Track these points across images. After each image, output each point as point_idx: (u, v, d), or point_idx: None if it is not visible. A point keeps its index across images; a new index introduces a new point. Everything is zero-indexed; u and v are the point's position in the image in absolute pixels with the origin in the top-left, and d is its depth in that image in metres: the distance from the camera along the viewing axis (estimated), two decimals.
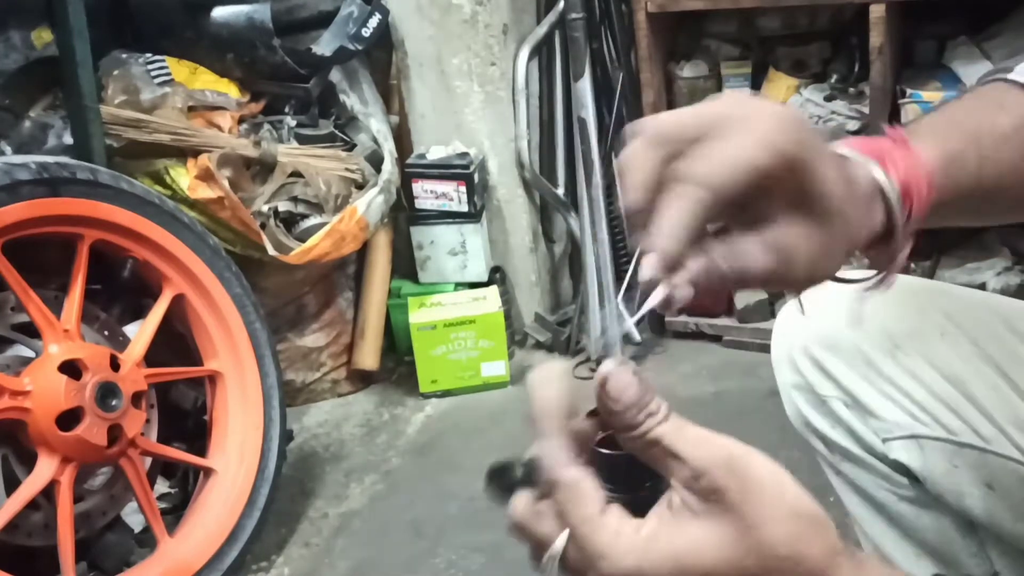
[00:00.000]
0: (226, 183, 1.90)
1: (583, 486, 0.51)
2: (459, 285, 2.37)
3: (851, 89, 2.20)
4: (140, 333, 1.65)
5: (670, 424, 0.51)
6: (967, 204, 0.70)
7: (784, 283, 0.60)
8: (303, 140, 2.17)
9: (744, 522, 0.49)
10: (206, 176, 1.88)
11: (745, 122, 0.54)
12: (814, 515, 0.50)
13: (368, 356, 2.34)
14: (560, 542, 0.51)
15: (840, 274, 0.63)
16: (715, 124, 0.53)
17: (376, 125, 2.29)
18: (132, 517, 1.70)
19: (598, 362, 2.10)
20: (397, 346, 2.43)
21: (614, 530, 0.50)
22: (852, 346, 0.93)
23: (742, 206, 0.56)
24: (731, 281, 0.56)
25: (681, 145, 0.53)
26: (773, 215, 0.57)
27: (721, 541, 0.49)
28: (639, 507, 0.52)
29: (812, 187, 0.56)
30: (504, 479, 0.55)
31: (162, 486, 1.84)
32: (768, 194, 0.56)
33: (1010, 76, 0.74)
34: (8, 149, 1.83)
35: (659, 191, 0.53)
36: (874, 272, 0.67)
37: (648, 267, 0.52)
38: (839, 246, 0.59)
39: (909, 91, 2.08)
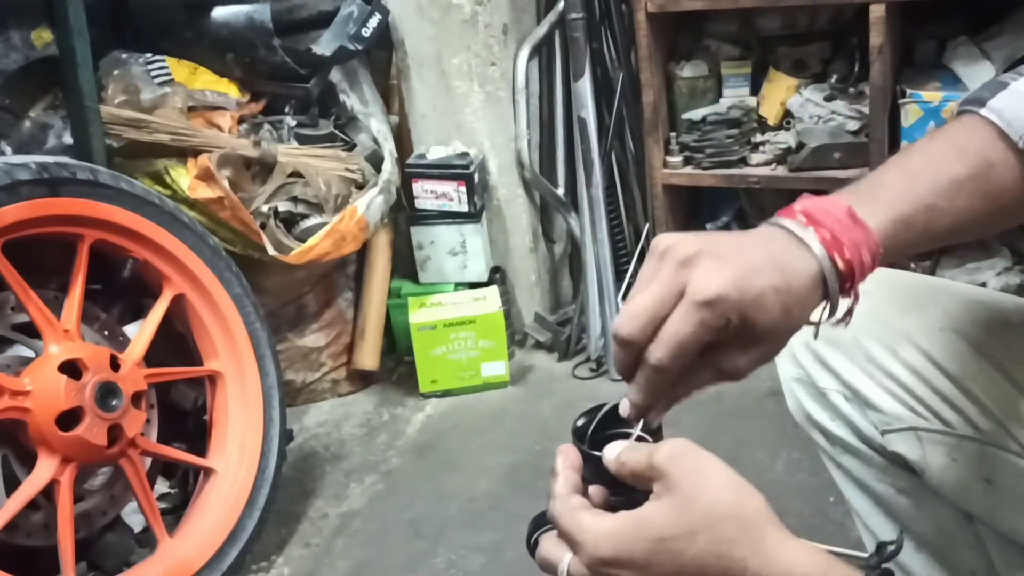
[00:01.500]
0: (226, 183, 1.90)
1: (575, 503, 0.67)
2: (459, 285, 2.37)
3: (851, 89, 2.20)
4: (140, 333, 1.65)
5: (631, 459, 0.66)
6: (922, 249, 0.77)
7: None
8: (303, 140, 2.17)
9: (689, 490, 0.62)
10: (206, 176, 1.88)
11: (679, 304, 0.67)
12: (746, 485, 0.63)
13: (368, 356, 2.34)
14: (567, 559, 0.65)
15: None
16: (660, 311, 0.67)
17: (376, 125, 2.29)
18: (132, 517, 1.70)
19: (598, 362, 2.11)
20: (397, 346, 2.43)
21: (591, 525, 0.64)
22: (852, 340, 0.94)
23: None
24: (686, 396, 0.73)
25: (641, 340, 0.68)
26: (717, 344, 0.69)
27: (672, 508, 0.62)
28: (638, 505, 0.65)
29: (747, 334, 0.68)
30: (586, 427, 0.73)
31: (162, 486, 1.84)
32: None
33: (982, 111, 0.76)
34: (8, 149, 1.83)
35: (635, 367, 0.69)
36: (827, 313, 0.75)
37: (624, 409, 0.71)
38: (776, 350, 0.71)
39: (909, 91, 2.08)
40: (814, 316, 0.73)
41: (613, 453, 0.67)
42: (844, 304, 0.73)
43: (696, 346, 0.67)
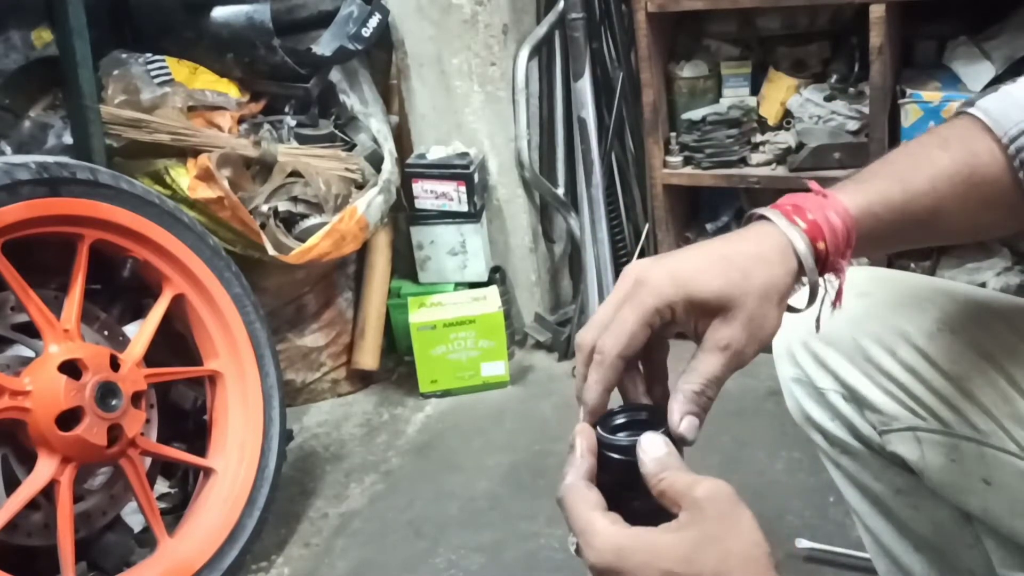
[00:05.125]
0: (226, 183, 1.90)
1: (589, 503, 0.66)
2: (459, 285, 2.37)
3: (851, 89, 2.20)
4: (140, 333, 1.65)
5: (671, 478, 0.65)
6: (909, 239, 0.80)
7: (745, 358, 0.72)
8: (303, 140, 2.17)
9: (714, 533, 0.61)
10: (206, 176, 1.88)
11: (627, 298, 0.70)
12: (765, 546, 0.62)
13: (368, 356, 2.34)
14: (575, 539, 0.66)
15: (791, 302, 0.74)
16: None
17: (376, 125, 2.29)
18: (132, 517, 1.70)
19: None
20: (397, 346, 2.43)
21: (604, 532, 0.64)
22: (850, 340, 0.94)
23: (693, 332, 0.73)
24: (715, 390, 0.71)
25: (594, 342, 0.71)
26: (701, 330, 0.72)
27: (690, 544, 0.61)
28: (648, 507, 0.65)
29: (710, 305, 0.70)
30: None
31: (162, 486, 1.84)
32: (687, 322, 0.72)
33: (970, 110, 0.80)
34: (8, 149, 1.83)
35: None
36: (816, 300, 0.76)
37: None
38: (762, 310, 0.71)
39: (909, 91, 2.08)
40: (798, 302, 0.74)
41: (655, 452, 0.65)
42: (832, 292, 0.75)
43: (641, 329, 0.70)
